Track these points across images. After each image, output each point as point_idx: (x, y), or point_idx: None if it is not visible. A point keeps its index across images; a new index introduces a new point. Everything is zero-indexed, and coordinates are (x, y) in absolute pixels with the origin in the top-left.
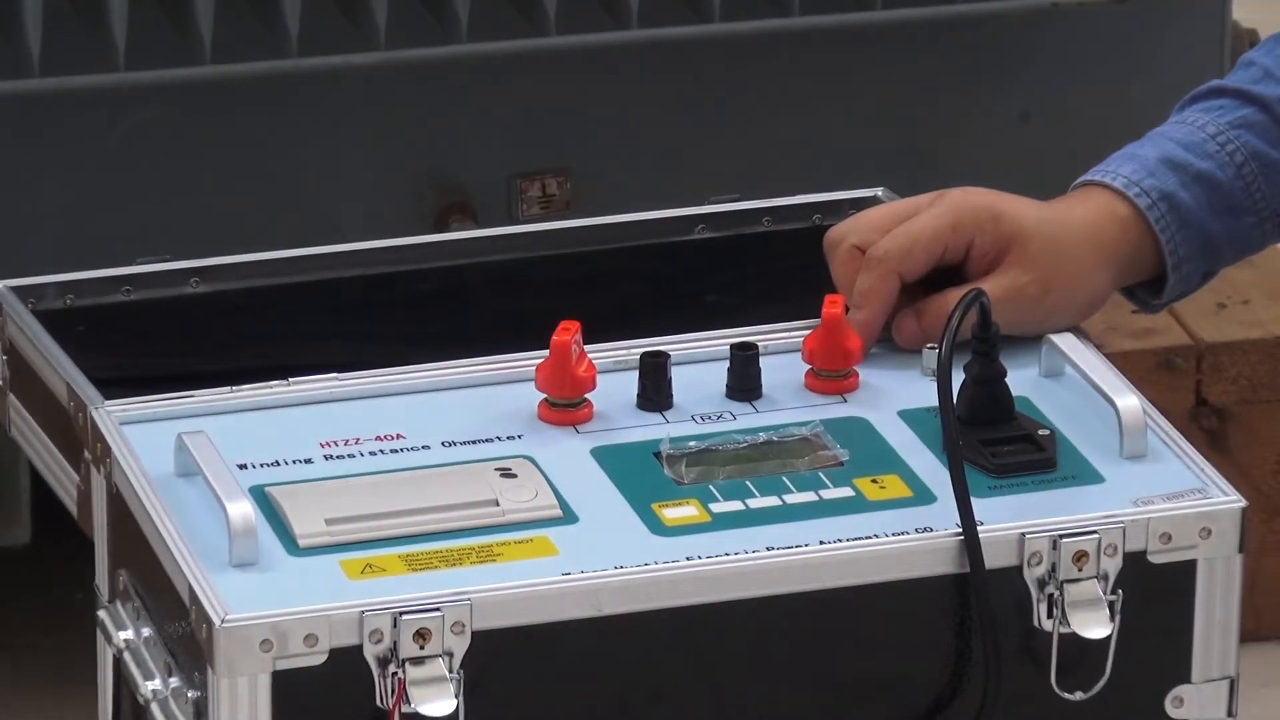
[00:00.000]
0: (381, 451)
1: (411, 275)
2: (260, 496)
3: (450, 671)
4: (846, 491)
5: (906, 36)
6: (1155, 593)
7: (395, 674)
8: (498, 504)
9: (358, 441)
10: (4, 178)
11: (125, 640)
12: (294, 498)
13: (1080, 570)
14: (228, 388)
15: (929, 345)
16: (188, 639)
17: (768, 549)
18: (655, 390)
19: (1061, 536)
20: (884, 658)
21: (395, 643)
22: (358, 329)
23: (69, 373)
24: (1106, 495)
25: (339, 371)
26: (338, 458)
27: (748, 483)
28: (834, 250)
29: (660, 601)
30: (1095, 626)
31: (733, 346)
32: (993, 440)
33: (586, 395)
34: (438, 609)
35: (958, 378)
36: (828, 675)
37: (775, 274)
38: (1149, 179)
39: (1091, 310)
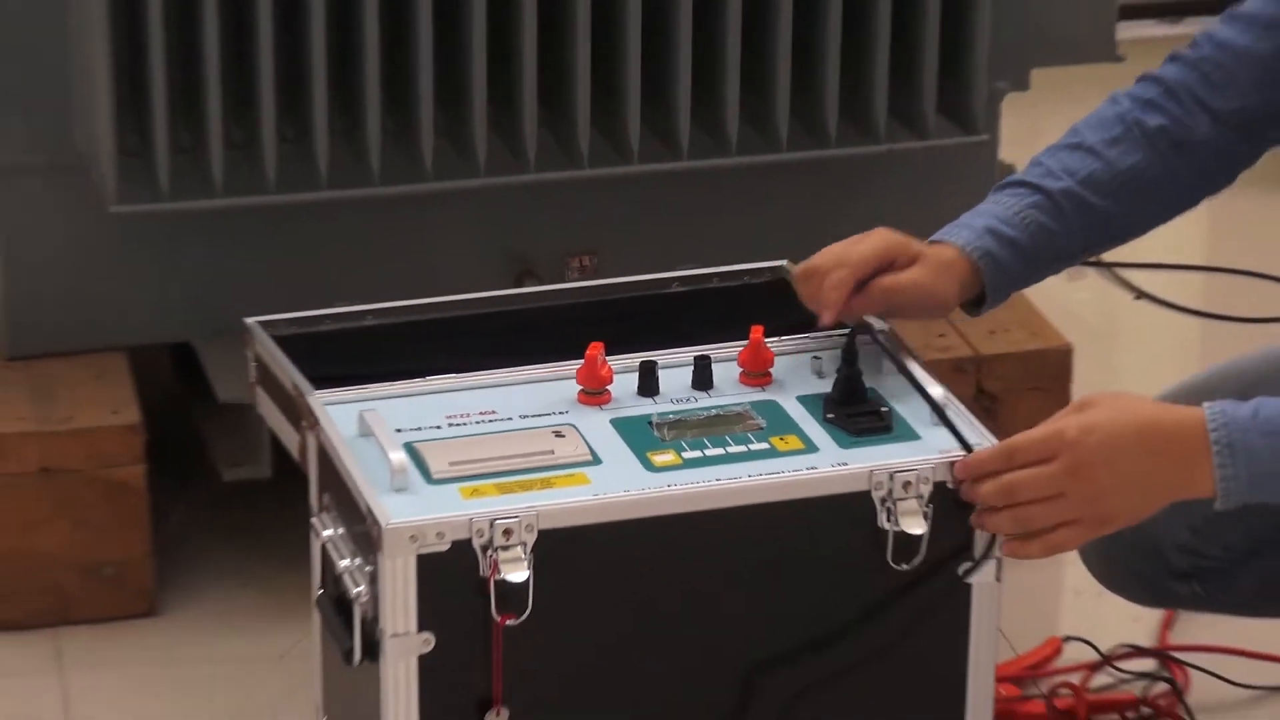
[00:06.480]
0: (483, 420)
1: (502, 313)
2: (409, 448)
3: (525, 554)
4: (765, 445)
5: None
6: (951, 506)
7: (491, 556)
8: (553, 453)
9: (468, 415)
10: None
11: (328, 535)
12: (430, 449)
13: (906, 492)
14: (389, 383)
15: (814, 355)
16: (364, 536)
17: (717, 480)
18: (648, 384)
19: (895, 472)
20: (790, 541)
21: (491, 537)
22: (470, 345)
23: (292, 374)
24: (923, 447)
25: (458, 372)
26: (456, 424)
27: (705, 439)
28: (813, 276)
29: (651, 512)
30: (915, 526)
31: (695, 357)
32: (854, 413)
33: (607, 387)
34: (517, 516)
35: (833, 380)
36: (757, 554)
37: (721, 311)
38: (977, 241)
39: (946, 310)
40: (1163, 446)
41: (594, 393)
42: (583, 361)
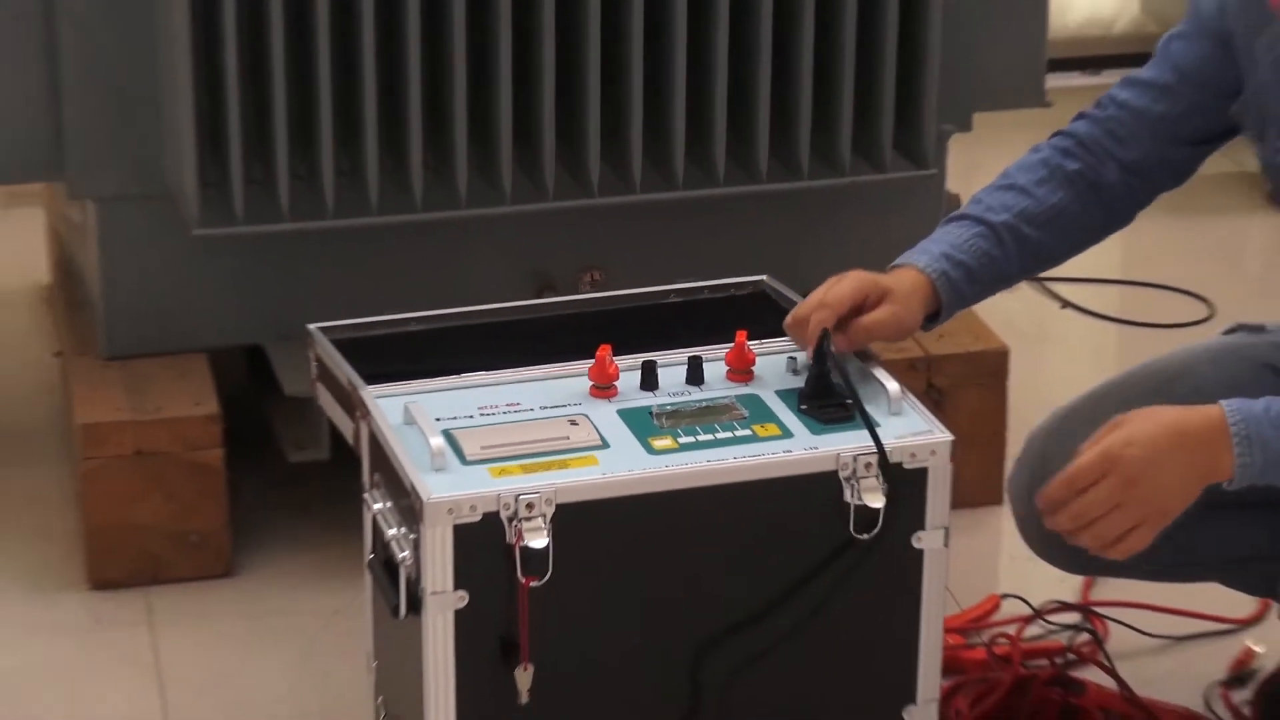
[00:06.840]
0: (509, 411)
1: (525, 320)
2: (447, 434)
3: (545, 524)
4: (748, 432)
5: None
6: (907, 485)
7: (516, 526)
8: (569, 438)
9: (496, 406)
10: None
11: (378, 508)
12: (465, 434)
13: (868, 471)
14: (430, 379)
15: (790, 356)
16: (409, 509)
17: (708, 461)
18: (650, 380)
19: (858, 454)
20: (770, 514)
21: (516, 510)
22: (499, 347)
23: (348, 371)
24: (882, 433)
25: (488, 370)
26: (487, 414)
27: (698, 427)
28: (800, 323)
29: (652, 489)
30: (875, 500)
31: (689, 357)
32: (823, 405)
33: (614, 382)
34: (538, 492)
35: (806, 377)
36: (742, 524)
37: (710, 318)
38: (935, 264)
39: (913, 333)
40: (1193, 443)
41: (603, 387)
42: (593, 361)
